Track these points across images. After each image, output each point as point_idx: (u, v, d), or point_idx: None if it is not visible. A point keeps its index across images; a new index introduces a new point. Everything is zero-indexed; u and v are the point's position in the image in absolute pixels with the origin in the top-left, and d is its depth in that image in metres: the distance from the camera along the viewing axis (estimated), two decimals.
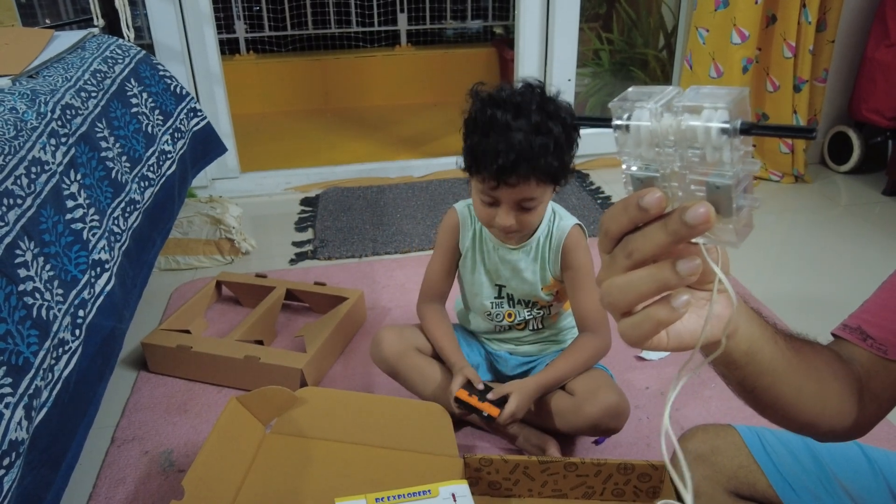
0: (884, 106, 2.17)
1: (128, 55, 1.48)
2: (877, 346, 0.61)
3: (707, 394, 1.30)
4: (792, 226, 2.05)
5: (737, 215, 0.34)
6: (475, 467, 1.02)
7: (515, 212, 1.03)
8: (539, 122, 0.96)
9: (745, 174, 0.33)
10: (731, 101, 0.32)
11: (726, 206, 0.34)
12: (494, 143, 0.97)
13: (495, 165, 0.97)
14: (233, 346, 1.35)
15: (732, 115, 0.32)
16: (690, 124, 0.33)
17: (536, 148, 0.96)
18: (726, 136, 0.32)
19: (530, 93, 1.00)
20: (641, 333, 0.38)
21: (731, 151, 0.33)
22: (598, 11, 2.81)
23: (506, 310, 1.19)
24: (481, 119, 0.99)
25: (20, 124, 1.00)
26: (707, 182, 0.34)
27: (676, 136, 0.34)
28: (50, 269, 0.92)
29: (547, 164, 0.98)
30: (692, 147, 0.33)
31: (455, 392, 1.09)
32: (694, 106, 0.33)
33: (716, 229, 0.34)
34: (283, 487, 1.03)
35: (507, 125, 0.97)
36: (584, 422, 1.09)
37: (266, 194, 2.32)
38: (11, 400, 0.76)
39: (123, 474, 1.15)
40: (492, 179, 0.99)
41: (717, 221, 0.34)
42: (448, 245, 1.19)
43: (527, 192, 1.01)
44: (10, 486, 0.74)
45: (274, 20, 3.41)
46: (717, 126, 0.32)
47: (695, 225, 0.34)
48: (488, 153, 0.97)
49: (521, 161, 0.96)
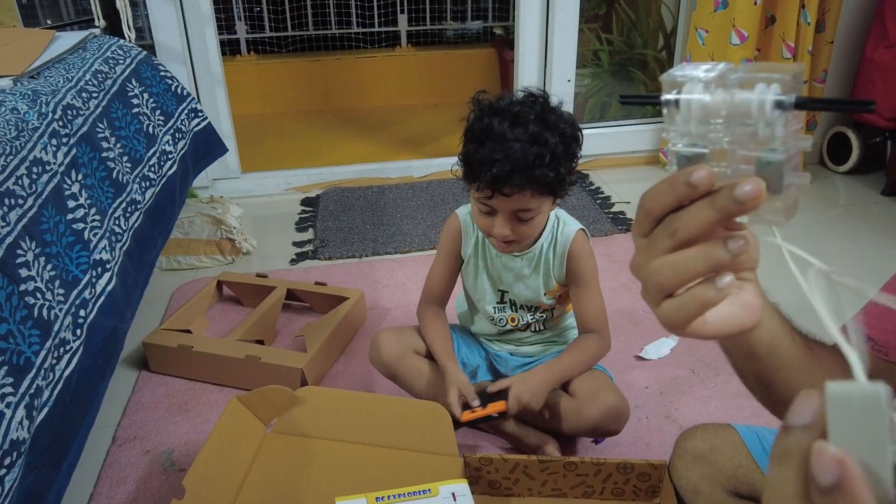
0: (882, 106, 2.18)
1: (129, 56, 1.49)
2: (877, 349, 0.62)
3: (706, 393, 1.31)
4: (791, 226, 2.03)
5: (786, 192, 0.33)
6: (475, 466, 1.02)
7: (512, 222, 1.03)
8: (536, 132, 0.96)
9: (795, 150, 0.33)
10: (787, 75, 0.32)
11: (776, 183, 0.33)
12: (490, 153, 0.96)
13: (490, 174, 0.96)
14: (233, 345, 1.35)
15: (786, 89, 0.32)
16: (745, 97, 0.32)
17: (531, 158, 0.95)
18: (780, 109, 0.32)
19: (531, 102, 0.99)
20: (688, 315, 0.37)
21: (784, 126, 0.32)
22: (598, 12, 2.81)
23: (508, 314, 1.19)
24: (478, 127, 0.99)
25: (21, 125, 1.00)
26: (758, 158, 0.33)
27: (729, 111, 0.33)
28: (51, 268, 0.93)
29: (542, 175, 0.97)
30: (744, 123, 0.33)
31: (461, 418, 1.08)
32: (748, 79, 0.32)
33: (763, 208, 0.34)
34: (284, 486, 1.03)
35: (503, 134, 0.96)
36: (585, 424, 1.09)
37: (267, 194, 2.32)
38: (13, 399, 0.77)
39: (124, 473, 1.15)
40: (487, 188, 0.99)
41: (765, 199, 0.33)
42: (450, 251, 1.19)
43: (522, 203, 1.00)
44: (11, 485, 0.74)
45: (274, 21, 3.41)
46: (772, 99, 0.32)
47: (745, 201, 0.33)
48: (483, 162, 0.97)
49: (515, 171, 0.95)
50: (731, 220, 0.35)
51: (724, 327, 0.40)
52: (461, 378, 1.12)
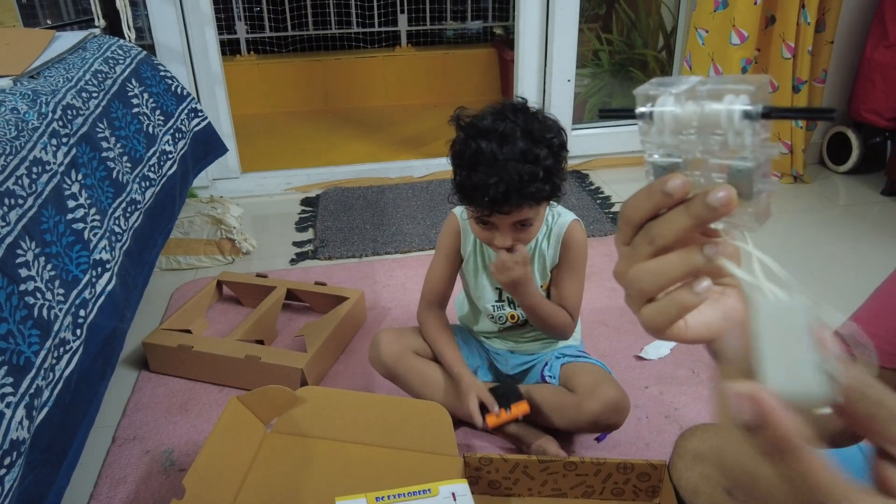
0: (882, 106, 2.18)
1: (129, 56, 1.49)
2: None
3: (706, 393, 1.31)
4: (790, 226, 2.05)
5: (756, 199, 0.35)
6: (475, 466, 1.02)
7: (513, 233, 1.04)
8: (526, 149, 0.96)
9: (764, 158, 0.34)
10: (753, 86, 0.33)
11: (747, 190, 0.34)
12: (484, 178, 0.96)
13: (487, 199, 0.97)
14: (233, 345, 1.35)
15: (754, 99, 0.33)
16: (714, 108, 0.34)
17: (526, 178, 0.95)
18: (749, 119, 0.33)
19: (513, 116, 0.99)
20: (667, 318, 0.38)
21: (752, 136, 0.33)
22: (598, 12, 2.81)
23: (508, 312, 1.19)
24: (467, 153, 0.99)
25: (21, 124, 1.00)
26: (729, 166, 0.34)
27: (700, 122, 0.34)
28: (51, 268, 0.93)
29: (538, 191, 0.98)
30: (715, 133, 0.34)
31: (489, 423, 1.10)
32: (717, 91, 0.34)
33: (735, 214, 0.35)
34: (284, 486, 1.03)
35: (494, 156, 0.96)
36: (586, 418, 1.09)
37: (267, 194, 2.33)
38: (13, 399, 0.77)
39: (124, 473, 1.15)
40: (485, 210, 1.00)
41: (738, 206, 0.35)
42: (449, 250, 1.19)
43: (521, 216, 1.02)
44: (11, 485, 0.74)
45: (274, 21, 3.41)
46: (740, 109, 0.33)
47: (717, 207, 0.34)
48: (478, 187, 0.97)
49: (511, 192, 0.96)
50: (705, 226, 0.36)
51: (705, 332, 0.42)
52: (478, 385, 1.14)
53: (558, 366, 1.18)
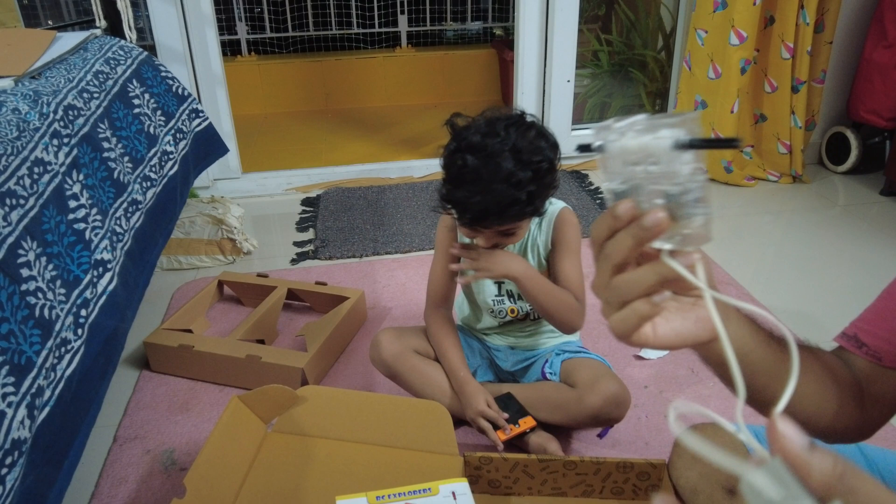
0: (881, 106, 2.18)
1: (130, 56, 1.49)
2: (871, 354, 0.62)
3: (705, 393, 1.31)
4: (790, 226, 2.05)
5: (687, 220, 0.39)
6: (475, 465, 1.03)
7: (497, 238, 1.06)
8: (510, 171, 0.95)
9: (695, 185, 0.39)
10: (680, 121, 0.38)
11: (678, 212, 0.39)
12: (465, 196, 0.97)
13: (467, 217, 0.99)
14: (234, 345, 1.35)
15: (682, 133, 0.38)
16: (648, 141, 0.39)
17: (506, 201, 0.96)
18: (679, 149, 0.38)
19: (504, 133, 0.97)
20: (628, 326, 0.43)
21: (680, 165, 0.38)
22: (598, 13, 2.81)
23: (508, 306, 1.19)
24: (454, 168, 0.99)
25: (23, 125, 1.01)
26: (664, 192, 0.39)
27: (640, 154, 0.39)
28: (52, 268, 0.93)
29: (518, 213, 0.99)
30: (652, 163, 0.39)
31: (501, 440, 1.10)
32: (652, 125, 0.39)
33: (675, 235, 0.40)
34: (285, 486, 1.03)
35: (478, 175, 0.96)
36: (587, 412, 1.09)
37: (267, 194, 2.33)
38: (14, 399, 0.77)
39: (125, 473, 1.15)
40: (464, 225, 1.03)
41: (675, 227, 0.40)
42: (447, 245, 1.20)
43: (503, 229, 1.03)
44: (12, 484, 0.74)
45: (275, 21, 3.42)
46: (668, 141, 0.38)
47: (650, 228, 0.39)
48: (459, 203, 0.99)
49: (490, 213, 0.98)
50: (644, 245, 0.40)
51: (674, 339, 0.45)
52: (484, 390, 1.15)
53: (559, 362, 1.19)
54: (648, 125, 0.39)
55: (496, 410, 1.13)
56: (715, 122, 2.24)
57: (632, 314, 0.42)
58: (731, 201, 2.21)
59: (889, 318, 0.62)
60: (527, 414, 1.13)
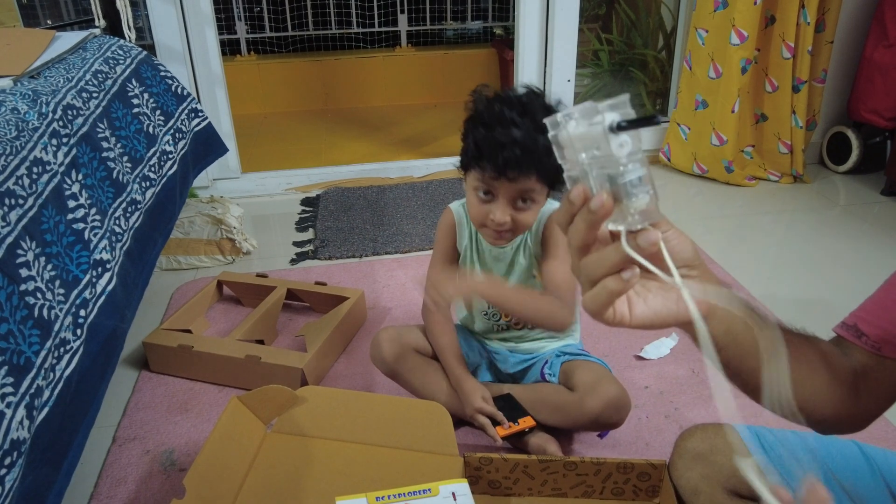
0: (882, 106, 2.18)
1: (129, 56, 1.49)
2: (870, 344, 0.62)
3: (706, 393, 1.31)
4: (790, 226, 2.05)
5: (628, 200, 0.41)
6: (475, 466, 1.02)
7: (512, 209, 1.04)
8: (543, 124, 0.97)
9: (633, 166, 0.41)
10: (613, 105, 0.40)
11: (620, 193, 0.41)
12: (501, 137, 0.98)
13: (500, 158, 0.98)
14: (234, 345, 1.35)
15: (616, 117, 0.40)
16: (583, 130, 0.41)
17: (541, 146, 0.97)
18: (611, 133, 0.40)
19: (534, 97, 1.02)
20: (599, 302, 0.45)
21: (617, 147, 0.40)
22: (598, 12, 2.81)
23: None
24: (487, 114, 1.01)
25: (22, 125, 1.00)
26: (607, 174, 0.41)
27: (584, 142, 0.42)
28: (51, 268, 0.93)
29: (549, 163, 0.98)
30: (595, 149, 0.41)
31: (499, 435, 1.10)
32: (589, 113, 0.41)
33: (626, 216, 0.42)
34: (284, 486, 1.03)
35: (513, 121, 0.98)
36: (587, 416, 1.09)
37: (267, 194, 2.33)
38: (13, 399, 0.77)
39: (125, 473, 1.15)
40: (493, 171, 1.00)
41: (623, 208, 0.42)
42: (446, 245, 1.20)
43: (525, 186, 1.01)
44: (11, 485, 0.74)
45: (275, 21, 3.41)
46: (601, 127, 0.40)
47: (596, 210, 0.41)
48: (494, 146, 0.99)
49: (525, 156, 0.98)
50: (597, 227, 0.43)
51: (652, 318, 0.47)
52: (482, 388, 1.14)
53: (558, 364, 1.18)
54: (587, 112, 0.41)
55: (492, 405, 1.12)
56: (716, 121, 2.23)
57: (601, 290, 0.44)
58: (732, 201, 2.21)
59: (890, 308, 0.62)
60: (526, 414, 1.13)
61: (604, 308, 0.45)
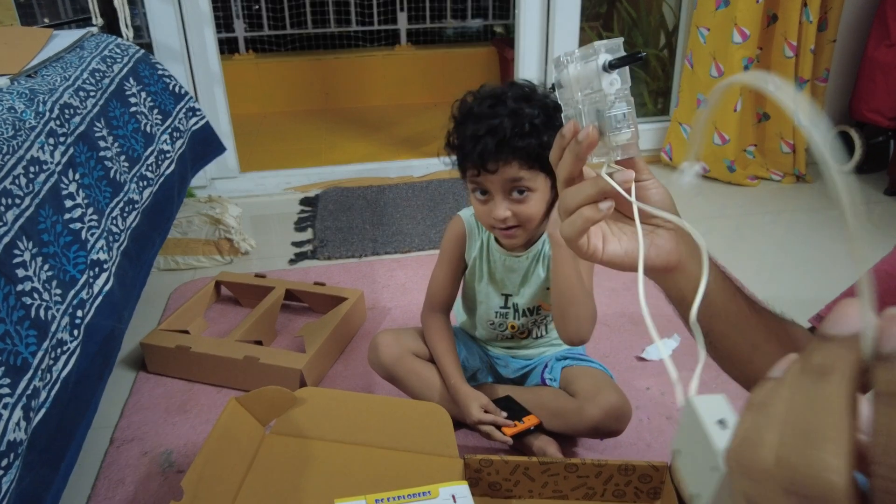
0: (884, 106, 2.17)
1: (127, 54, 1.48)
2: None
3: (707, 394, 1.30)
4: (793, 225, 2.05)
5: (612, 133, 0.46)
6: (475, 468, 1.02)
7: (509, 202, 1.03)
8: (515, 108, 0.99)
9: (620, 101, 0.46)
10: (604, 47, 0.45)
11: (605, 127, 0.46)
12: (472, 131, 0.99)
13: (475, 153, 0.99)
14: (232, 346, 1.34)
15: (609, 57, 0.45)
16: (580, 69, 0.46)
17: (510, 129, 0.97)
18: (604, 72, 0.45)
19: (509, 86, 1.03)
20: (575, 227, 0.49)
21: (608, 84, 0.45)
22: (599, 10, 2.80)
23: (510, 321, 1.18)
24: (461, 112, 1.04)
25: (18, 124, 1.00)
26: (596, 110, 0.46)
27: (581, 82, 0.47)
28: (48, 269, 0.92)
29: (525, 145, 0.98)
30: (589, 87, 0.46)
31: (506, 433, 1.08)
32: (587, 55, 0.46)
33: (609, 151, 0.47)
34: (283, 488, 1.02)
35: (482, 115, 1.00)
36: (586, 424, 1.08)
37: (265, 194, 2.32)
38: (10, 400, 0.76)
39: (123, 475, 1.14)
40: (474, 168, 1.01)
41: (607, 142, 0.46)
42: (454, 255, 1.18)
43: (511, 174, 1.00)
44: (8, 486, 0.74)
45: (273, 19, 3.40)
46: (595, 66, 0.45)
47: (583, 141, 0.46)
48: (467, 141, 1.00)
49: (497, 144, 0.98)
50: (582, 157, 0.48)
51: (623, 258, 0.51)
52: (479, 395, 1.13)
53: (559, 368, 1.17)
54: (585, 53, 0.46)
55: (494, 411, 1.11)
56: (717, 120, 2.23)
57: (578, 216, 0.48)
58: (734, 201, 2.20)
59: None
60: (528, 412, 1.12)
61: (578, 235, 0.49)
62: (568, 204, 0.49)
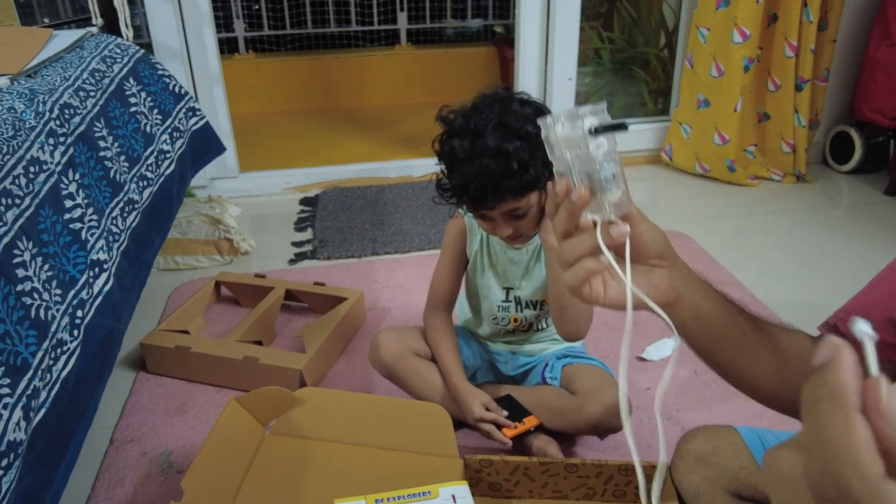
0: (885, 105, 2.17)
1: (126, 54, 1.48)
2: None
3: (708, 395, 1.30)
4: (793, 225, 2.04)
5: (603, 193, 0.48)
6: (475, 468, 1.02)
7: (509, 222, 1.03)
8: (498, 145, 0.95)
9: (608, 164, 0.47)
10: (589, 112, 0.47)
11: (596, 187, 0.48)
12: (459, 179, 0.97)
13: (468, 198, 0.99)
14: (232, 346, 1.34)
15: (595, 122, 0.46)
16: (567, 132, 0.47)
17: (499, 173, 0.95)
18: (590, 136, 0.46)
19: (488, 111, 0.98)
20: (577, 278, 0.50)
21: (595, 148, 0.46)
22: (599, 10, 2.80)
23: (512, 314, 1.18)
24: (444, 155, 1.01)
25: (18, 124, 1.00)
26: (586, 171, 0.48)
27: (568, 142, 0.48)
28: (48, 269, 0.92)
29: (515, 184, 0.96)
30: (577, 148, 0.47)
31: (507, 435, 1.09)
32: (574, 116, 0.47)
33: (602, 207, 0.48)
34: (283, 488, 1.02)
35: (466, 155, 0.96)
36: (587, 421, 1.08)
37: (265, 194, 2.32)
38: (10, 401, 0.76)
39: (122, 475, 1.14)
40: (471, 207, 1.02)
41: (599, 200, 0.48)
42: (455, 251, 1.19)
43: (508, 207, 1.00)
44: (8, 486, 0.74)
45: (273, 19, 3.40)
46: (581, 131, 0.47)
47: (575, 201, 0.48)
48: (457, 188, 0.99)
49: (487, 190, 0.96)
50: (576, 215, 0.49)
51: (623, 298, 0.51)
52: (481, 393, 1.13)
53: (559, 367, 1.18)
54: (571, 116, 0.47)
55: (496, 410, 1.11)
56: (718, 120, 2.23)
57: (580, 268, 0.50)
58: (735, 201, 2.20)
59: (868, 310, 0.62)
60: (529, 413, 1.12)
61: (581, 284, 0.51)
62: (568, 257, 0.50)
